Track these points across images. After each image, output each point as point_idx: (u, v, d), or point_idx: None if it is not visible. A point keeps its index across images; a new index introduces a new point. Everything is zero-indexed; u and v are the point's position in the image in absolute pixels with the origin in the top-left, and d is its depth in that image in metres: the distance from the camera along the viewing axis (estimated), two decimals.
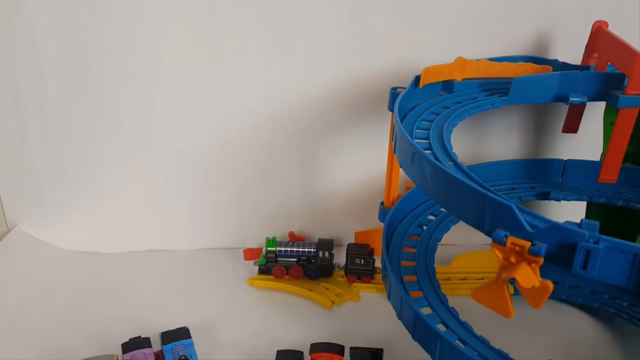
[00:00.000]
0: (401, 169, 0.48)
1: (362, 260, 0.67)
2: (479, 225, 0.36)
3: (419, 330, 0.44)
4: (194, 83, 0.67)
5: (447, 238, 0.58)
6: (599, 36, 0.58)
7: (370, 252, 0.67)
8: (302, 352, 0.51)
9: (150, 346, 0.52)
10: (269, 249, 0.68)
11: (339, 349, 0.50)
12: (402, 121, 0.51)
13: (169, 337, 0.53)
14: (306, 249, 0.67)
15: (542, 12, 0.65)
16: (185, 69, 0.66)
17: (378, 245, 0.64)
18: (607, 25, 0.58)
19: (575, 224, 0.33)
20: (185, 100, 0.68)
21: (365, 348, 0.51)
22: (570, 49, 0.64)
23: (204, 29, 0.64)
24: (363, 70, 0.67)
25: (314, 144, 0.72)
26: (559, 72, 0.54)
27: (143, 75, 0.66)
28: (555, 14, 0.65)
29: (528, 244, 0.32)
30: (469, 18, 0.65)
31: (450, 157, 0.44)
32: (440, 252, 0.56)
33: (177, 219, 0.76)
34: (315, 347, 0.51)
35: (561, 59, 0.62)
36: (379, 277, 0.67)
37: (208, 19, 0.63)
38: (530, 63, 0.60)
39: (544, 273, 0.33)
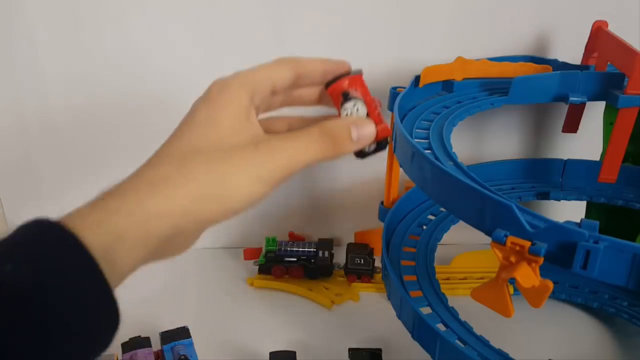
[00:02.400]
0: (401, 169, 0.48)
1: (362, 260, 0.67)
2: (479, 224, 0.36)
3: (419, 329, 0.44)
4: (193, 82, 0.67)
5: (447, 238, 0.58)
6: (599, 36, 0.58)
7: (370, 252, 0.67)
8: (294, 352, 0.51)
9: (150, 346, 0.52)
10: (268, 248, 0.68)
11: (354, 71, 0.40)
12: (402, 121, 0.51)
13: (168, 336, 0.53)
14: (306, 249, 0.67)
15: (542, 12, 0.65)
16: (184, 68, 0.66)
17: (378, 245, 0.64)
18: (607, 25, 0.58)
19: (575, 223, 0.33)
20: (185, 100, 0.68)
21: (364, 349, 0.51)
22: (570, 49, 0.64)
23: (203, 29, 0.64)
24: (363, 70, 0.67)
25: None
26: (559, 72, 0.54)
27: (143, 75, 0.66)
28: (555, 14, 0.65)
29: (528, 244, 0.32)
30: (469, 18, 0.65)
31: (450, 157, 0.44)
32: (440, 251, 0.56)
33: None
34: (330, 80, 0.38)
35: (561, 59, 0.62)
36: (378, 276, 0.67)
37: (207, 18, 0.63)
38: (530, 63, 0.60)
39: (543, 273, 0.33)
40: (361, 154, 0.35)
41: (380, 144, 0.36)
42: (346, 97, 0.37)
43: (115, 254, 0.26)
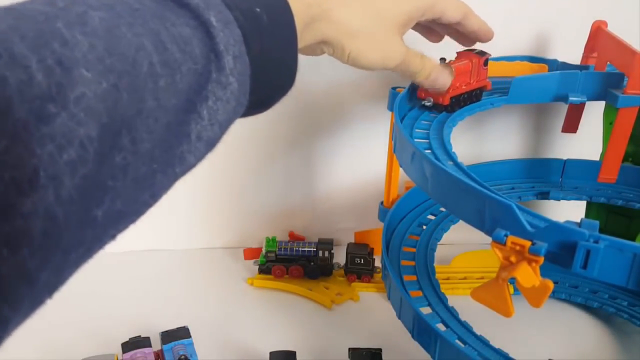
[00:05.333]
0: (401, 169, 0.48)
1: (362, 260, 0.67)
2: (478, 224, 0.36)
3: (419, 329, 0.44)
4: None
5: (447, 237, 0.58)
6: (599, 36, 0.58)
7: (370, 252, 0.67)
8: (294, 352, 0.51)
9: (150, 346, 0.52)
10: (268, 248, 0.68)
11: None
12: (401, 121, 0.51)
13: (168, 336, 0.53)
14: (306, 249, 0.67)
15: (542, 12, 0.65)
16: None
17: (378, 245, 0.64)
18: (607, 25, 0.58)
19: (575, 223, 0.33)
20: None
21: (364, 349, 0.51)
22: (570, 49, 0.64)
23: None
24: (363, 70, 0.67)
25: (314, 143, 0.72)
26: (558, 71, 0.54)
27: None
28: (555, 14, 0.65)
29: (528, 244, 0.32)
30: None
31: (450, 156, 0.44)
32: (440, 251, 0.56)
33: (177, 219, 0.76)
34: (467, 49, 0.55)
35: (561, 59, 0.62)
36: (378, 276, 0.67)
37: None
38: (526, 62, 0.61)
39: (543, 272, 0.33)
40: (420, 102, 0.52)
41: (435, 106, 0.51)
42: (442, 61, 0.51)
43: (301, 35, 0.37)
